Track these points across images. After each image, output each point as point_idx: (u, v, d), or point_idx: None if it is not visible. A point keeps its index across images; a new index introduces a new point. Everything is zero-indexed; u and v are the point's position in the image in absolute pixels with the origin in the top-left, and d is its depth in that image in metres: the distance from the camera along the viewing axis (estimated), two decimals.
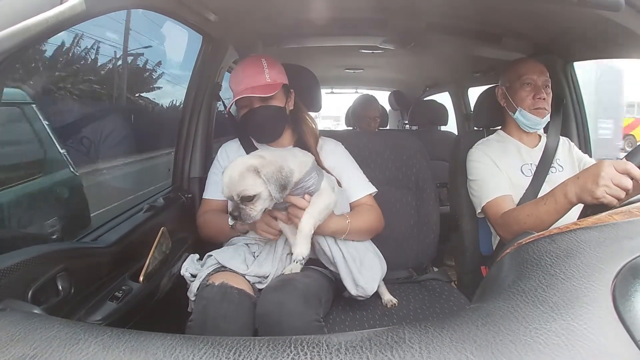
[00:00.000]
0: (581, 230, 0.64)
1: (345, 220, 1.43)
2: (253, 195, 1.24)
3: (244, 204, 1.25)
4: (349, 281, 1.42)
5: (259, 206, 1.26)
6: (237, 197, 1.24)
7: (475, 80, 3.73)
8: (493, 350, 0.45)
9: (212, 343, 0.49)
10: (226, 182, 1.26)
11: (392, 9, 1.94)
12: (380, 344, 0.47)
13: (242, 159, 1.29)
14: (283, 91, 1.62)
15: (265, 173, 1.23)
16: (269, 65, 1.58)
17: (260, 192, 1.24)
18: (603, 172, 1.21)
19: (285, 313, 1.22)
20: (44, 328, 0.53)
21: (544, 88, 1.77)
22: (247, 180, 1.24)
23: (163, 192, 1.94)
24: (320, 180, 1.35)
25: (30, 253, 1.04)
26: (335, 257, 1.42)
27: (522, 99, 1.78)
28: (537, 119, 1.76)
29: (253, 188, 1.24)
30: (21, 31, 0.75)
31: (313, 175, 1.33)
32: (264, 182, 1.23)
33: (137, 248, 1.47)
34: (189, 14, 1.61)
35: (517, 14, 1.82)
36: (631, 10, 1.29)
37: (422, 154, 1.91)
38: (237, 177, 1.24)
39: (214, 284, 1.29)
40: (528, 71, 1.78)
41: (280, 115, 1.61)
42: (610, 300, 0.49)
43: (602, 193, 1.20)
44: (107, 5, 1.05)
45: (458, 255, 2.08)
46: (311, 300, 1.29)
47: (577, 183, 1.30)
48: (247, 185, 1.24)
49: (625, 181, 1.17)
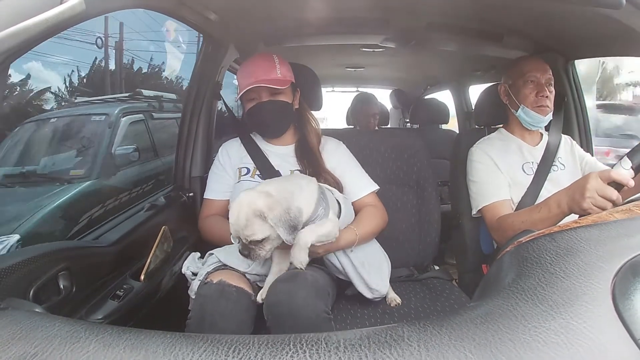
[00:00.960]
0: (581, 229, 0.64)
1: (354, 233, 1.43)
2: (262, 239, 1.20)
3: (253, 245, 1.21)
4: (362, 287, 1.44)
5: (268, 246, 1.22)
6: (246, 240, 1.21)
7: (476, 79, 3.72)
8: (492, 348, 0.45)
9: (212, 341, 0.49)
10: (233, 222, 1.20)
11: (393, 8, 1.94)
12: (379, 342, 0.47)
13: (247, 198, 1.21)
14: (291, 88, 1.64)
15: (272, 218, 1.18)
16: (280, 62, 1.61)
17: (268, 235, 1.19)
18: (589, 184, 1.24)
19: (295, 303, 1.21)
20: (45, 326, 0.53)
21: (547, 86, 1.76)
22: (254, 226, 1.18)
23: (164, 191, 1.94)
24: (327, 209, 1.32)
25: (31, 252, 1.05)
26: (345, 267, 1.42)
27: (525, 96, 1.78)
28: (540, 116, 1.76)
29: (261, 233, 1.19)
30: (21, 31, 0.75)
31: (320, 210, 1.30)
32: (272, 226, 1.19)
33: (138, 247, 1.48)
34: (190, 14, 1.61)
35: (517, 12, 1.81)
36: (632, 8, 1.29)
37: (423, 152, 1.91)
38: (244, 222, 1.18)
39: (212, 282, 1.29)
40: (531, 69, 1.78)
41: (287, 111, 1.62)
42: (610, 298, 0.49)
43: (588, 205, 1.24)
44: (107, 5, 1.05)
45: (459, 253, 2.08)
46: (321, 292, 1.29)
47: (567, 194, 1.34)
48: (254, 230, 1.18)
49: (610, 192, 1.20)
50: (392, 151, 1.89)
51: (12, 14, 0.75)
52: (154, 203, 1.73)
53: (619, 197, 1.20)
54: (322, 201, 1.31)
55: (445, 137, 3.55)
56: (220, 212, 1.65)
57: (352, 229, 1.45)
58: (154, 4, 1.39)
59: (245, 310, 1.29)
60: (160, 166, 4.45)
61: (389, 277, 1.53)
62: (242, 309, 1.28)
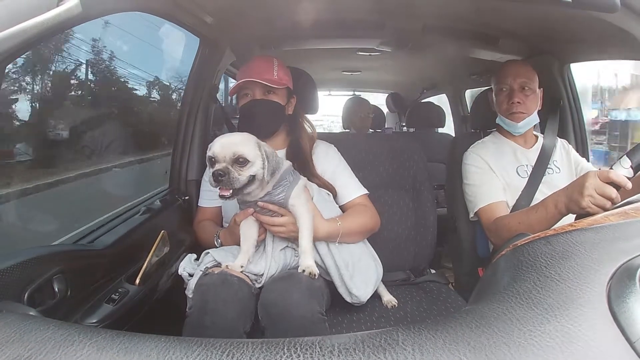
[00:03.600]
0: (577, 232, 0.65)
1: (336, 223, 1.45)
2: (248, 160, 1.26)
3: (234, 167, 1.26)
4: (342, 289, 1.44)
5: (246, 173, 1.27)
6: (230, 158, 1.26)
7: (472, 83, 3.73)
8: (487, 352, 0.45)
9: (206, 345, 0.49)
10: (224, 142, 1.28)
11: (389, 11, 1.94)
12: (373, 346, 0.47)
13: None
14: (286, 93, 1.66)
15: (266, 150, 1.29)
16: (279, 66, 1.63)
17: (255, 161, 1.27)
18: (587, 182, 1.23)
19: (290, 303, 1.22)
20: (38, 330, 0.53)
21: (521, 90, 1.77)
22: (249, 145, 1.28)
23: (160, 195, 1.93)
24: (292, 187, 1.38)
25: (26, 255, 1.04)
26: (326, 264, 1.43)
27: (499, 104, 1.81)
28: (514, 123, 1.78)
29: (252, 154, 1.27)
30: (18, 33, 0.75)
31: (284, 183, 1.37)
32: (262, 156, 1.28)
33: (133, 250, 1.47)
34: (186, 17, 1.62)
35: (513, 16, 1.82)
36: (627, 12, 1.29)
37: (420, 156, 1.91)
38: (239, 140, 1.28)
39: (214, 272, 1.31)
40: (505, 75, 1.80)
41: (278, 112, 1.63)
42: (606, 301, 0.49)
43: (587, 203, 1.23)
44: (104, 7, 1.05)
45: (455, 257, 2.08)
46: (315, 293, 1.30)
47: (565, 193, 1.34)
48: (248, 149, 1.27)
49: (609, 190, 1.19)
50: (388, 155, 1.90)
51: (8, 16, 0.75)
52: (150, 206, 1.72)
53: (618, 195, 1.19)
54: (289, 175, 1.40)
55: (442, 141, 3.56)
56: (213, 218, 1.71)
57: (335, 219, 1.46)
58: (150, 6, 1.39)
59: (247, 297, 1.29)
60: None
61: (374, 285, 1.52)
62: (244, 297, 1.28)
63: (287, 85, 1.65)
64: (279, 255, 1.43)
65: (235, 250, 1.46)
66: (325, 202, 1.53)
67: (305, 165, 1.61)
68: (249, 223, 1.41)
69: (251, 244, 1.40)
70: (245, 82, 1.58)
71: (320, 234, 1.41)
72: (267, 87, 1.58)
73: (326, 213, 1.47)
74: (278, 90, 1.61)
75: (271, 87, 1.58)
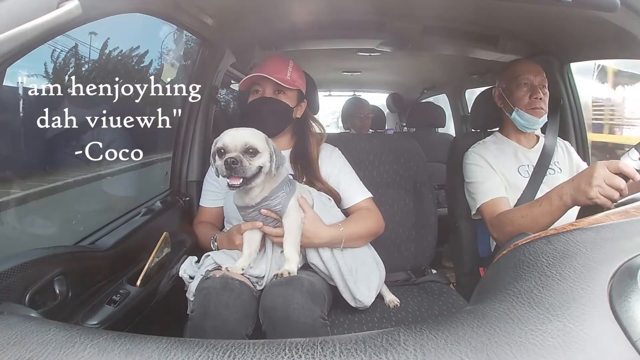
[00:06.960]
0: (578, 231, 0.64)
1: (338, 229, 1.44)
2: (258, 151, 1.30)
3: (245, 156, 1.28)
4: (347, 294, 1.44)
5: (256, 163, 1.29)
6: (242, 147, 1.29)
7: (472, 82, 3.73)
8: (488, 352, 0.45)
9: (207, 346, 0.49)
10: (234, 134, 1.31)
11: (388, 12, 1.94)
12: (375, 347, 0.47)
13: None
14: (297, 95, 1.65)
15: (273, 145, 1.34)
16: (294, 67, 1.63)
17: (264, 152, 1.31)
18: (596, 172, 1.22)
19: (292, 308, 1.22)
20: (40, 331, 0.53)
21: (541, 88, 1.77)
22: (260, 137, 1.32)
23: (161, 196, 1.93)
24: (288, 199, 1.39)
25: (27, 256, 1.04)
26: (329, 270, 1.43)
27: (519, 99, 1.78)
28: (535, 118, 1.77)
29: (262, 146, 1.31)
30: (18, 35, 0.75)
31: (281, 194, 1.38)
32: (270, 149, 1.32)
33: (134, 252, 1.47)
34: (186, 18, 1.61)
35: (513, 16, 1.82)
36: (627, 11, 1.29)
37: (420, 156, 1.91)
38: (248, 133, 1.32)
39: (215, 276, 1.31)
40: (524, 71, 1.79)
41: (286, 113, 1.62)
42: (607, 301, 0.49)
43: (595, 193, 1.21)
44: (104, 9, 1.05)
45: (456, 257, 2.08)
46: (317, 297, 1.30)
47: (571, 185, 1.32)
48: (259, 141, 1.31)
49: (618, 181, 1.18)
50: (389, 155, 1.89)
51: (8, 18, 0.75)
52: (150, 207, 1.72)
53: (626, 187, 1.18)
54: (285, 186, 1.41)
55: (442, 141, 3.56)
56: (213, 219, 1.71)
57: (337, 225, 1.45)
58: (150, 8, 1.39)
59: (249, 301, 1.29)
60: None
61: (378, 289, 1.53)
62: (246, 300, 1.28)
63: (299, 88, 1.64)
64: (279, 257, 1.43)
65: (236, 254, 1.46)
66: (325, 207, 1.51)
67: (310, 168, 1.60)
68: (252, 235, 1.42)
69: (254, 249, 1.41)
70: (257, 78, 1.58)
71: (322, 241, 1.41)
72: (277, 85, 1.57)
73: (327, 219, 1.46)
74: (288, 91, 1.60)
75: (282, 87, 1.58)
